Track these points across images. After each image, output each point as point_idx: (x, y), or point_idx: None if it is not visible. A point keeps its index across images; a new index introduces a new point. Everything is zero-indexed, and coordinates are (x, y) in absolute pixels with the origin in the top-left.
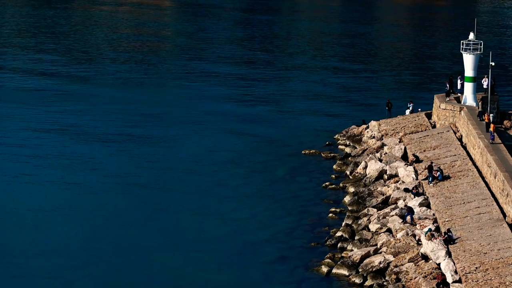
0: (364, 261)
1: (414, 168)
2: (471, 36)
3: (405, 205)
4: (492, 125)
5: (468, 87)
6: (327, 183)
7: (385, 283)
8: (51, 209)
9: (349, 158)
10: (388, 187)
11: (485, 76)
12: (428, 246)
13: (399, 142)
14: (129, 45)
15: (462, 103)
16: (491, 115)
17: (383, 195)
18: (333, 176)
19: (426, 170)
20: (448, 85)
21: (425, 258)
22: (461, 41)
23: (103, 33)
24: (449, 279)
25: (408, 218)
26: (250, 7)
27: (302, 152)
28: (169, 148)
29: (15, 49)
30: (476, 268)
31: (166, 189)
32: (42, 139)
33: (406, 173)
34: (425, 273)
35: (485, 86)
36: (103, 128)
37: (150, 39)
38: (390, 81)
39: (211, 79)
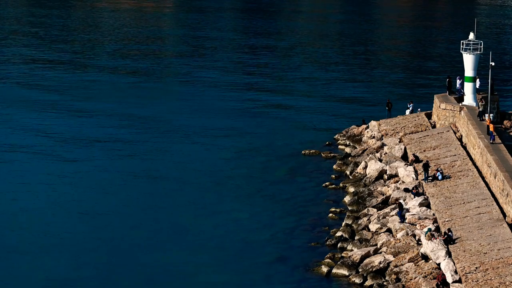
0: (364, 261)
1: (414, 168)
2: (471, 36)
3: (396, 200)
4: (491, 125)
5: (468, 87)
6: (327, 183)
7: (385, 283)
8: (50, 208)
9: (349, 158)
10: (388, 187)
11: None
12: (428, 246)
13: (399, 142)
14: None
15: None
16: (491, 115)
17: (383, 195)
18: (333, 176)
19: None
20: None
21: (425, 258)
22: (461, 41)
23: (101, 34)
24: (449, 279)
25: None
26: (250, 7)
27: (302, 152)
28: (169, 149)
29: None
30: (476, 268)
31: (166, 189)
32: (39, 145)
33: (406, 173)
34: (425, 273)
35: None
36: (103, 131)
37: (150, 42)
38: (390, 81)
39: (210, 79)
